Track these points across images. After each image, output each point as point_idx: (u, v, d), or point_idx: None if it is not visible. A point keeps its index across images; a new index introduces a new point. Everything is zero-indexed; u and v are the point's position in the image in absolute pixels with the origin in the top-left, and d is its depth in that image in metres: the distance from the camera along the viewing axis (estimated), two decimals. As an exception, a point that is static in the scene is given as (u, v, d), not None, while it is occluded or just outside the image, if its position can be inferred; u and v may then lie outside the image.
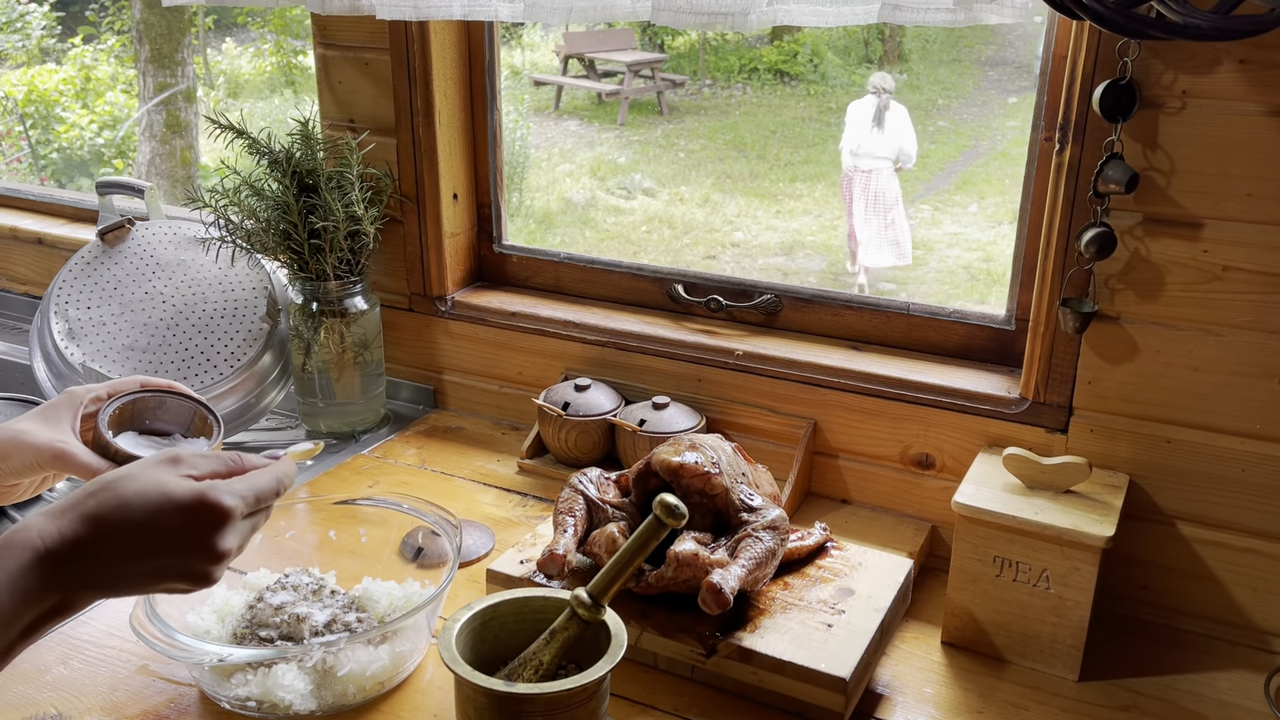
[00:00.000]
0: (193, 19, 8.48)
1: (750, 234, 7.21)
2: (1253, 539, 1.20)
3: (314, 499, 1.40)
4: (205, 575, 0.84)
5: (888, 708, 1.10)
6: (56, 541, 0.78)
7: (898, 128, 6.03)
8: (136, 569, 0.81)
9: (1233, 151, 1.11)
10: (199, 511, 0.83)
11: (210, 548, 0.83)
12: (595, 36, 10.47)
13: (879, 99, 6.02)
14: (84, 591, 0.80)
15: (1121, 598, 1.28)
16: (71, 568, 0.79)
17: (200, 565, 0.83)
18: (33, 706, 1.07)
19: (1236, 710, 1.11)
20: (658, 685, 1.11)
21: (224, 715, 1.07)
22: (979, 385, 1.35)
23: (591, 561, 1.17)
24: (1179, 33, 0.98)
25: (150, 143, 6.81)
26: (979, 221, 7.21)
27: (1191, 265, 1.16)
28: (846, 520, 1.42)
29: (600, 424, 1.51)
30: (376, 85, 1.63)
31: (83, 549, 0.79)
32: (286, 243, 1.57)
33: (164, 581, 0.83)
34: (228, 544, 0.84)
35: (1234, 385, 1.17)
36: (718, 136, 9.14)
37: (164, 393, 1.07)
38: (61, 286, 1.71)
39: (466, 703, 0.94)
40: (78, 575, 0.79)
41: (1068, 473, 1.16)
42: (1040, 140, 1.29)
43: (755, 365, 1.47)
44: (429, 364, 1.75)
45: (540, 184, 8.13)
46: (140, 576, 0.82)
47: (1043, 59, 1.27)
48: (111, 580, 0.81)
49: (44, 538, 0.78)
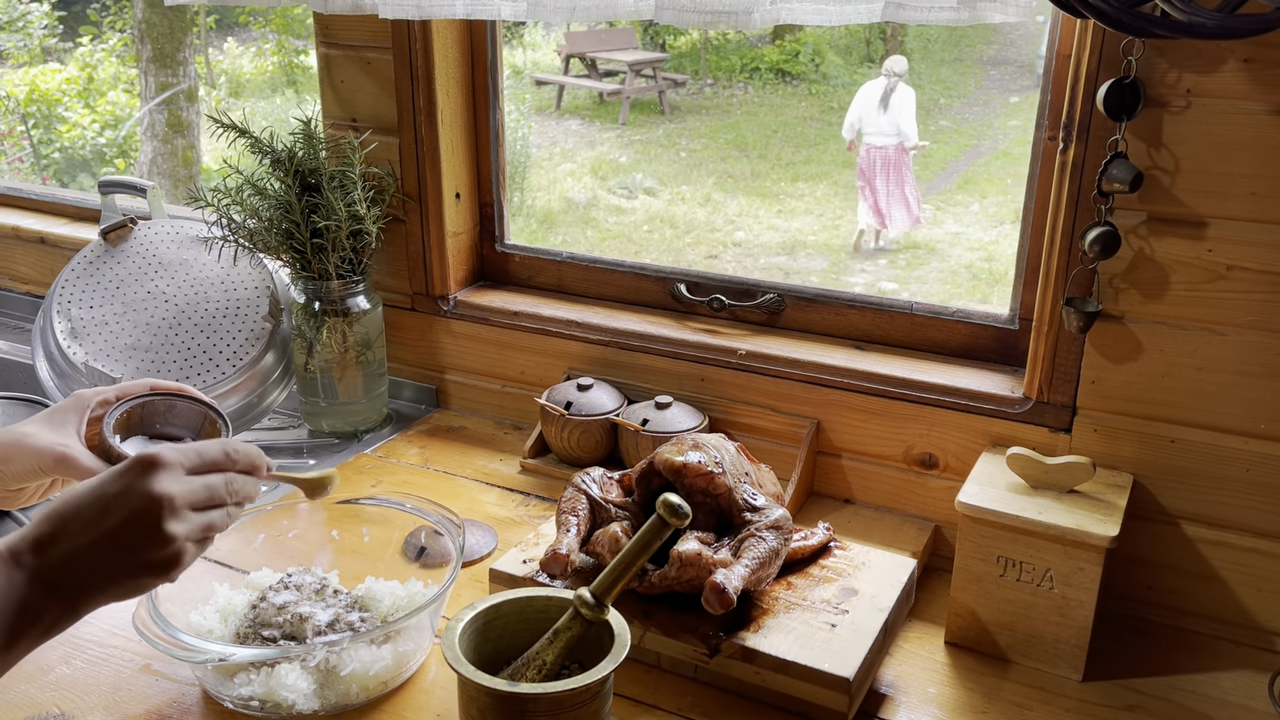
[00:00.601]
0: (194, 18, 8.49)
1: (752, 233, 7.21)
2: (1257, 539, 1.20)
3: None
4: (162, 564, 0.82)
5: (891, 708, 1.10)
6: (18, 542, 0.79)
7: (900, 109, 6.43)
8: (96, 557, 0.80)
9: (1237, 150, 1.11)
10: (133, 467, 0.82)
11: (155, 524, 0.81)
12: (597, 36, 10.47)
13: (888, 81, 6.39)
14: (55, 594, 0.80)
15: (1125, 598, 1.28)
16: (37, 563, 0.79)
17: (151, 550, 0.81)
18: (35, 706, 1.07)
19: (1240, 710, 1.11)
20: (661, 685, 1.11)
21: (227, 715, 1.07)
22: (982, 385, 1.35)
23: (594, 561, 1.17)
24: (1184, 31, 0.98)
25: (152, 142, 6.82)
26: (981, 221, 7.20)
27: (1196, 264, 1.16)
28: (850, 520, 1.41)
29: (603, 424, 1.51)
30: (379, 84, 1.63)
31: (42, 543, 0.80)
32: (289, 242, 1.57)
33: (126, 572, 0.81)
34: (173, 528, 0.82)
35: (1238, 385, 1.17)
36: (719, 136, 9.14)
37: (174, 396, 1.06)
38: (64, 286, 1.71)
39: (469, 702, 0.94)
40: (45, 574, 0.79)
41: (1071, 472, 1.16)
42: (1044, 139, 1.29)
43: (758, 365, 1.47)
44: (431, 363, 1.75)
45: (542, 183, 8.13)
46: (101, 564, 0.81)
47: (1046, 57, 1.27)
48: (77, 575, 0.80)
49: (9, 541, 0.79)
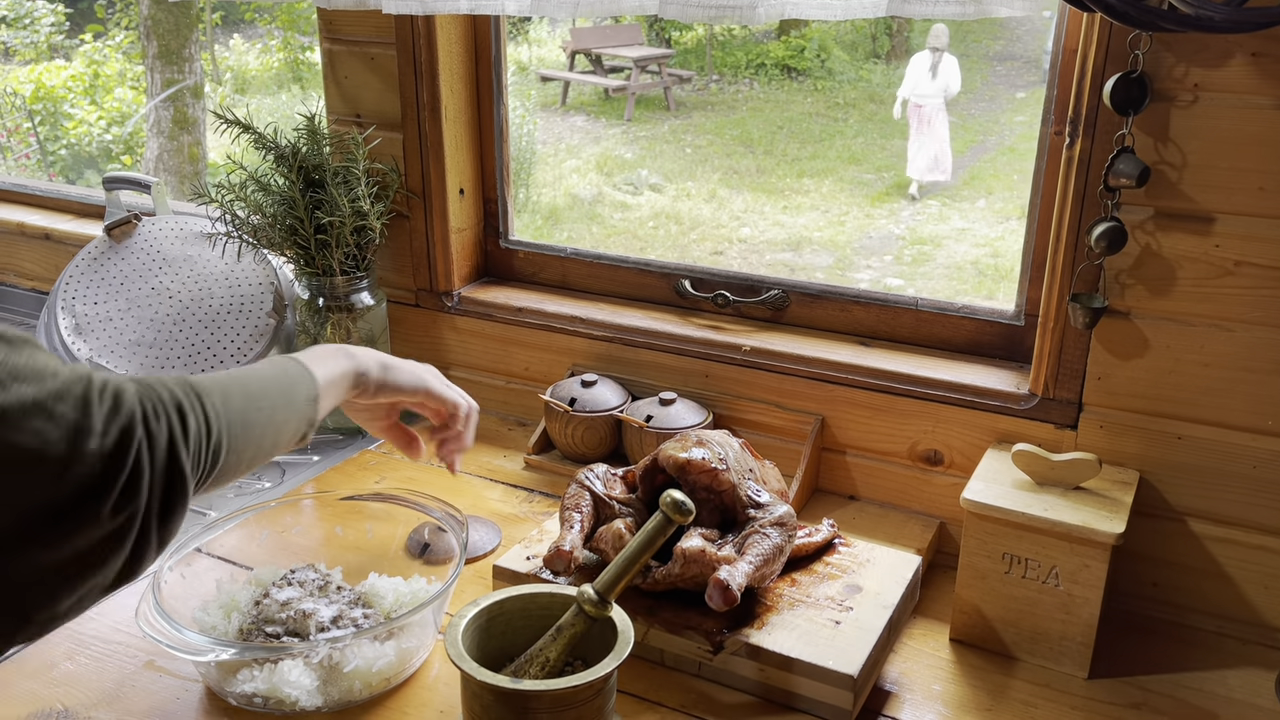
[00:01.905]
0: (200, 15, 8.50)
1: (757, 230, 7.20)
2: (1264, 536, 1.19)
3: (320, 495, 1.40)
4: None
5: (896, 705, 1.10)
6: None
7: (947, 73, 7.90)
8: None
9: (1245, 145, 1.10)
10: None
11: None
12: (602, 32, 10.47)
13: (934, 55, 7.82)
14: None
15: (1131, 595, 1.27)
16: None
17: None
18: (39, 701, 1.07)
19: (1247, 708, 1.11)
20: (664, 682, 1.11)
21: (230, 711, 1.07)
22: (988, 381, 1.34)
23: (598, 558, 1.17)
24: (1191, 25, 0.97)
25: (158, 139, 6.83)
26: (987, 217, 7.19)
27: (1203, 260, 1.15)
28: (854, 517, 1.41)
29: (607, 420, 1.51)
30: (383, 80, 1.63)
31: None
32: (293, 238, 1.56)
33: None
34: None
35: (1245, 381, 1.16)
36: (724, 132, 9.13)
37: None
38: (68, 282, 1.71)
39: (473, 699, 0.93)
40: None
41: (1077, 469, 1.16)
42: (1050, 134, 1.28)
43: (762, 361, 1.47)
44: (435, 359, 1.75)
45: (547, 180, 8.13)
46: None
47: (1053, 52, 1.26)
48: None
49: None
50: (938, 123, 7.79)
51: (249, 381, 0.88)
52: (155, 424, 0.73)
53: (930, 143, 7.73)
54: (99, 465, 0.68)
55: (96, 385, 0.70)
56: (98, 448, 0.68)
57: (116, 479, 0.69)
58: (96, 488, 0.68)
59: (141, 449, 0.71)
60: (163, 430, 0.74)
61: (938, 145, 7.77)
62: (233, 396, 0.83)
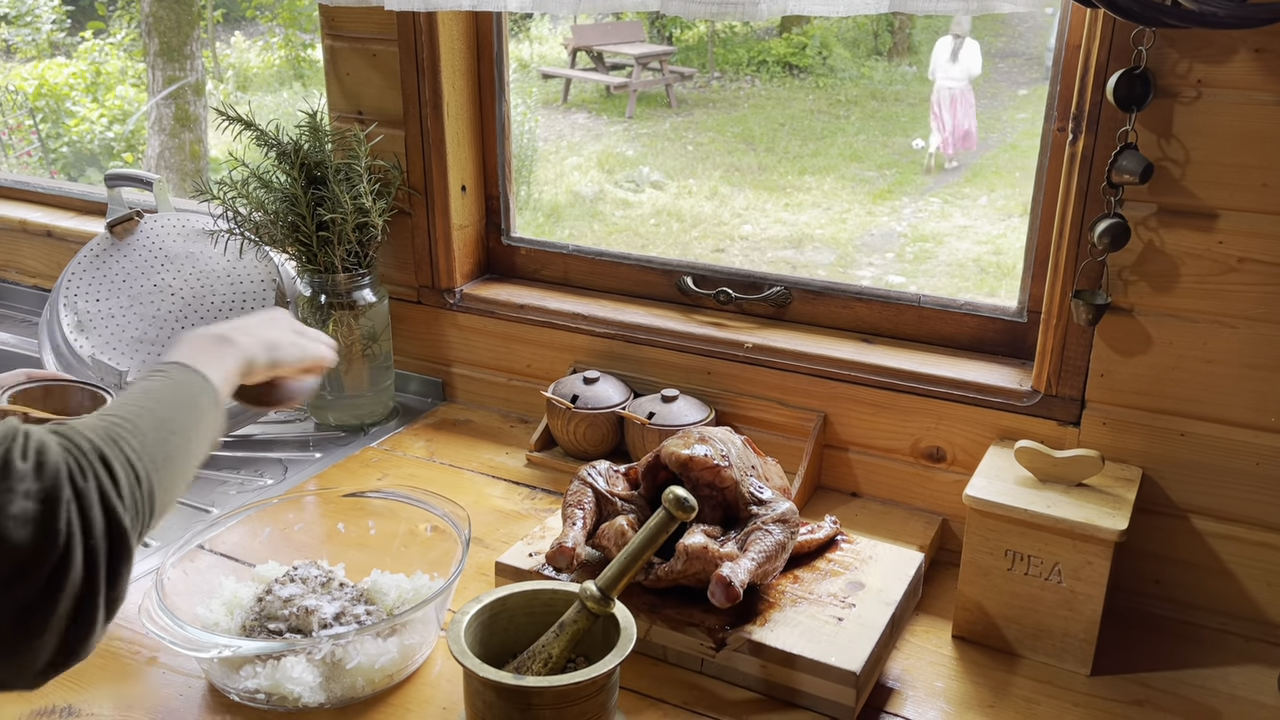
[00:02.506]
0: (201, 12, 8.49)
1: (759, 227, 7.20)
2: (1267, 533, 1.19)
3: (323, 491, 1.41)
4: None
5: (898, 702, 1.10)
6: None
7: (968, 58, 8.39)
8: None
9: (1249, 141, 1.10)
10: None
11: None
12: (603, 29, 10.45)
13: (954, 41, 8.30)
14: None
15: (1134, 592, 1.27)
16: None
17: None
18: (42, 699, 1.07)
19: (1249, 705, 1.11)
20: (667, 678, 1.11)
21: (233, 708, 1.07)
22: (990, 378, 1.34)
23: (600, 554, 1.17)
24: (1195, 21, 0.97)
25: (159, 136, 6.82)
26: (989, 214, 7.18)
27: (1206, 257, 1.15)
28: (857, 513, 1.41)
29: (609, 417, 1.51)
30: (384, 77, 1.63)
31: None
32: (295, 235, 1.56)
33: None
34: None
35: (1248, 378, 1.16)
36: (726, 129, 9.12)
37: (50, 382, 1.05)
38: (71, 279, 1.71)
39: (475, 696, 0.93)
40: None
41: (1080, 466, 1.16)
42: (1053, 131, 1.28)
43: (765, 358, 1.46)
44: (437, 357, 1.75)
45: (548, 177, 8.12)
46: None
47: (1055, 48, 1.26)
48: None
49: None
50: (965, 102, 8.47)
51: (155, 407, 0.82)
52: (83, 482, 0.68)
53: (964, 119, 8.37)
54: (27, 536, 0.63)
55: (19, 445, 0.66)
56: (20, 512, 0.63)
57: (48, 551, 0.64)
58: (25, 562, 0.63)
59: (71, 513, 0.66)
60: (91, 488, 0.68)
61: (969, 122, 8.45)
62: (146, 431, 0.78)
